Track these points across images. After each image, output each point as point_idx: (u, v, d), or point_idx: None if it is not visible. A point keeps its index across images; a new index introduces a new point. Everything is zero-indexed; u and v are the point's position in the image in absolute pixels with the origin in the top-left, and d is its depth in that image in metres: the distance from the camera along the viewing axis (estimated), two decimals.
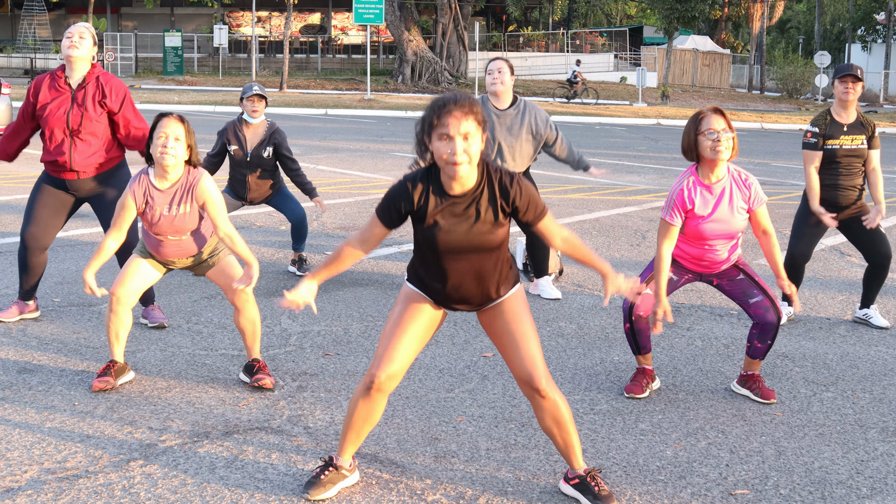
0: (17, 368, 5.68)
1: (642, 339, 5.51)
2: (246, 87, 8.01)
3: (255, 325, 5.46)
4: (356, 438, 4.16)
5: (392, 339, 4.01)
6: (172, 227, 5.23)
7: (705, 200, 5.21)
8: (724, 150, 5.12)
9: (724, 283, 5.47)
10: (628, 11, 77.03)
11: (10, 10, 55.55)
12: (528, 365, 4.01)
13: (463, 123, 3.66)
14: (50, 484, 4.17)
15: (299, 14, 57.63)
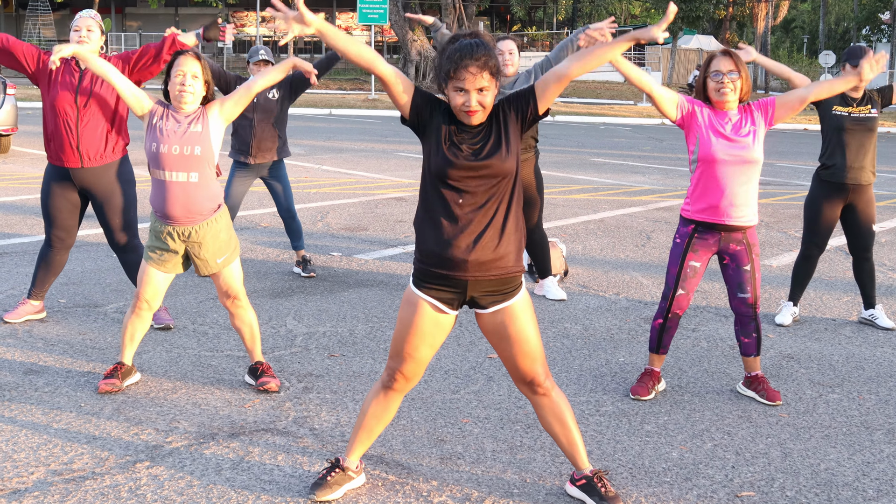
0: (23, 369, 5.69)
1: (667, 339, 5.54)
2: (252, 50, 7.94)
3: (251, 327, 5.47)
4: (367, 438, 4.16)
5: (404, 343, 3.99)
6: (182, 141, 5.16)
7: (717, 121, 5.29)
8: (728, 91, 5.21)
9: (732, 266, 5.45)
10: (633, 11, 76.98)
11: (15, 10, 55.63)
12: (530, 362, 4.00)
13: (478, 79, 3.70)
14: (56, 485, 4.18)
15: None
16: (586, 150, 21.28)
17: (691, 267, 5.44)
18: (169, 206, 5.22)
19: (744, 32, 74.90)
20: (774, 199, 13.88)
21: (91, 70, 5.44)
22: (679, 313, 5.49)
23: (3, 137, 17.25)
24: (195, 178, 5.21)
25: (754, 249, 5.44)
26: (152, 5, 47.97)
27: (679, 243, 5.47)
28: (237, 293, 5.39)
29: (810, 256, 7.15)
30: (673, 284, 5.45)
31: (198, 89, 5.21)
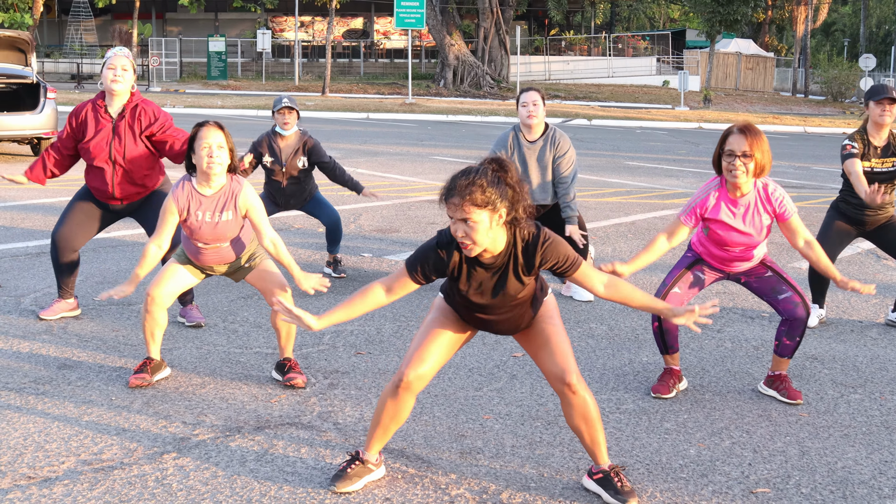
0: (57, 364, 5.84)
1: (670, 339, 5.58)
2: (276, 99, 8.11)
3: (291, 326, 5.58)
4: (383, 435, 4.25)
5: (424, 342, 4.12)
6: (214, 234, 5.36)
7: (730, 213, 5.26)
8: (739, 175, 5.13)
9: (752, 280, 5.51)
10: (671, 15, 76.74)
11: (58, 15, 56.30)
12: (560, 361, 4.08)
13: (459, 211, 3.75)
14: (86, 474, 4.31)
15: (342, 19, 57.97)
16: (621, 154, 21.30)
17: (695, 275, 5.50)
18: (203, 260, 5.52)
19: (783, 36, 74.49)
20: (808, 203, 13.85)
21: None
22: None
23: (44, 140, 17.53)
24: (226, 244, 5.47)
25: (767, 261, 5.51)
26: (192, 10, 48.40)
27: (689, 256, 5.57)
28: (284, 284, 5.52)
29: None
30: (669, 281, 5.52)
31: (224, 159, 5.32)
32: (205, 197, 5.36)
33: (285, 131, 8.08)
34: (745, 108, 43.07)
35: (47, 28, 56.20)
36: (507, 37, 47.61)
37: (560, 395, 4.15)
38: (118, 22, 55.99)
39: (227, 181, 5.42)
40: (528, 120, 7.43)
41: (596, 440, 4.22)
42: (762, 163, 5.13)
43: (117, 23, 56.06)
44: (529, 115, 7.42)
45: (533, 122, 7.43)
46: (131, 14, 49.11)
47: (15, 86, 17.48)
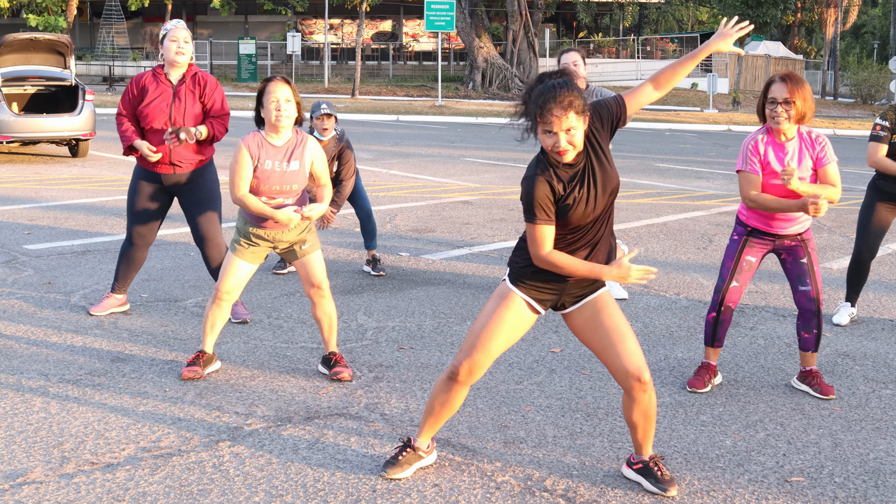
0: (110, 357, 6.05)
1: (721, 332, 5.74)
2: (315, 105, 8.25)
3: (331, 318, 5.77)
4: (435, 423, 4.42)
5: (480, 334, 4.21)
6: (281, 181, 5.54)
7: (777, 156, 5.45)
8: (782, 120, 5.37)
9: (790, 260, 5.68)
10: (700, 17, 76.60)
11: (90, 18, 56.86)
12: (636, 358, 4.18)
13: (564, 121, 3.89)
14: (146, 460, 4.51)
15: (371, 21, 58.25)
16: (651, 156, 21.39)
17: (747, 261, 5.66)
18: (266, 224, 5.64)
19: (812, 38, 74.23)
20: (839, 204, 13.92)
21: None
22: (731, 306, 5.69)
23: (82, 142, 17.82)
24: (289, 201, 5.62)
25: (810, 244, 5.65)
26: (223, 13, 48.78)
27: (736, 240, 5.71)
28: (321, 282, 5.70)
29: (862, 261, 7.28)
30: (727, 276, 5.67)
31: (292, 112, 5.53)
32: (273, 147, 5.58)
33: (324, 137, 8.25)
34: None
35: (79, 31, 56.75)
36: (535, 39, 47.71)
37: (629, 390, 4.22)
38: (149, 24, 56.51)
39: (295, 133, 5.65)
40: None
41: (648, 435, 4.36)
42: (803, 110, 5.38)
43: (148, 25, 56.58)
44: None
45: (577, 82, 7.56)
46: (162, 17, 49.55)
47: (54, 88, 17.80)
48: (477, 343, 4.21)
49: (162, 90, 6.71)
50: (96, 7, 55.16)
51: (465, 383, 4.27)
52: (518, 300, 4.23)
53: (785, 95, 5.35)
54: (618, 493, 4.32)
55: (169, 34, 6.68)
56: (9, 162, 17.24)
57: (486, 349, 4.21)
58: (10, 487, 4.22)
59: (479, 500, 4.19)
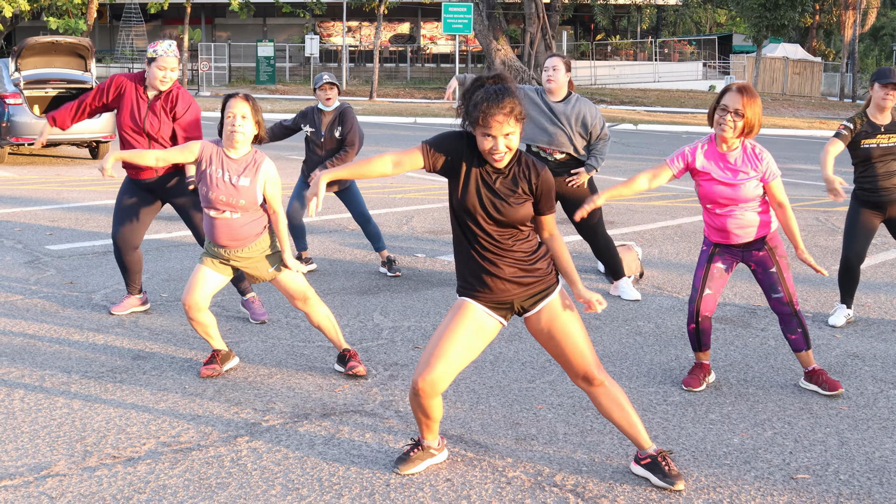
0: (131, 355, 6.18)
1: (704, 338, 5.84)
2: (317, 77, 8.44)
3: (329, 319, 5.88)
4: (427, 429, 4.52)
5: (435, 347, 4.29)
6: (229, 193, 5.63)
7: (716, 165, 5.57)
8: (727, 129, 5.45)
9: (759, 271, 5.80)
10: (718, 19, 76.51)
11: (110, 21, 57.20)
12: (584, 359, 4.33)
13: (505, 126, 4.05)
14: (166, 454, 4.64)
15: (389, 24, 58.41)
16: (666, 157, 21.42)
17: (717, 268, 5.78)
18: (216, 236, 5.73)
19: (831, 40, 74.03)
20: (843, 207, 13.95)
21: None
22: (708, 315, 5.79)
23: (102, 144, 18.01)
24: (237, 216, 5.70)
25: (777, 251, 5.75)
26: (241, 16, 48.97)
27: (705, 251, 5.87)
28: (304, 293, 5.81)
29: (850, 266, 7.33)
30: (699, 286, 5.79)
31: (248, 129, 5.65)
32: (228, 159, 5.69)
33: (327, 107, 8.42)
34: (791, 113, 42.93)
35: (99, 33, 57.10)
36: (552, 41, 47.75)
37: (584, 390, 4.42)
38: (168, 27, 56.81)
39: (251, 151, 5.75)
40: (549, 84, 7.67)
41: (633, 423, 4.46)
42: (752, 122, 5.45)
43: (168, 28, 56.88)
44: (549, 79, 7.66)
45: (552, 86, 7.67)
46: (182, 19, 49.80)
47: (75, 91, 17.98)
48: (434, 354, 4.26)
49: (138, 100, 6.94)
50: (116, 10, 55.49)
51: (431, 396, 4.31)
52: (472, 307, 4.32)
53: (737, 106, 5.40)
54: (626, 488, 4.42)
55: (157, 61, 6.83)
56: (31, 164, 17.45)
57: (444, 359, 4.25)
58: (34, 480, 4.35)
59: (490, 495, 4.30)
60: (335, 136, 8.43)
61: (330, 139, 8.42)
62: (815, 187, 16.38)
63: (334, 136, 8.43)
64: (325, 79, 8.35)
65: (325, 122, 8.43)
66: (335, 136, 8.43)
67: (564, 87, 7.73)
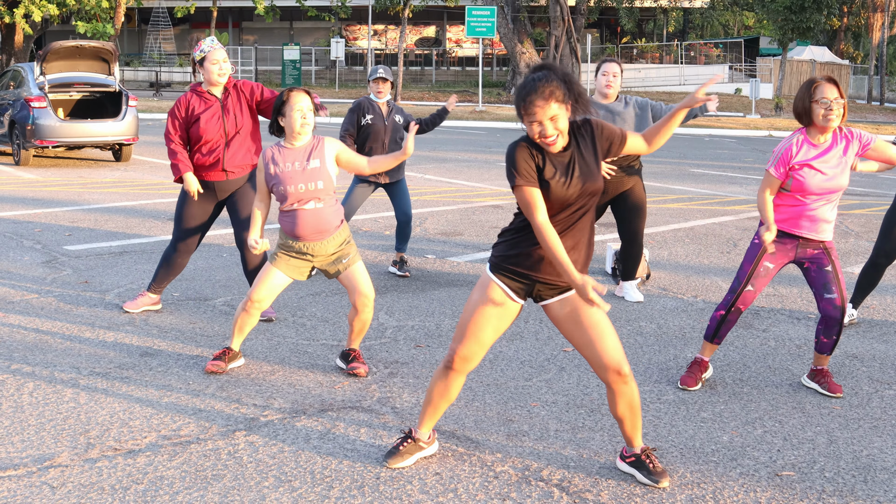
0: (139, 352, 6.33)
1: (724, 330, 5.89)
2: (372, 69, 8.65)
3: (365, 325, 5.99)
4: (434, 414, 4.64)
5: (468, 324, 4.41)
6: (304, 178, 5.72)
7: (815, 157, 5.65)
8: (835, 118, 5.56)
9: (814, 268, 5.82)
10: (746, 22, 76.25)
11: (138, 25, 57.70)
12: (615, 352, 4.37)
13: (547, 110, 4.12)
14: (165, 447, 4.77)
15: (414, 27, 58.61)
16: (687, 161, 21.49)
17: (765, 267, 5.81)
18: (300, 230, 5.80)
19: (859, 43, 73.61)
20: (869, 210, 13.99)
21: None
22: (742, 309, 5.85)
23: (125, 147, 18.24)
24: (321, 205, 5.79)
25: (833, 252, 5.79)
26: (268, 20, 49.30)
27: (757, 244, 5.83)
28: (368, 292, 5.89)
29: (878, 265, 7.39)
30: (744, 279, 5.81)
31: (312, 120, 5.79)
32: (291, 150, 5.81)
33: (379, 99, 8.62)
34: None
35: (127, 37, 57.60)
36: (578, 45, 47.78)
37: (610, 384, 4.42)
38: (196, 31, 57.26)
39: (310, 138, 5.88)
40: (606, 89, 7.85)
41: (636, 427, 4.56)
42: (846, 108, 5.62)
43: (195, 32, 57.33)
44: (608, 84, 7.87)
45: (609, 91, 7.86)
46: (209, 23, 50.17)
47: (99, 94, 18.25)
48: (466, 332, 4.41)
49: (210, 105, 7.02)
50: (144, 14, 55.99)
51: (461, 371, 4.48)
52: (496, 289, 4.40)
53: (835, 95, 5.54)
54: (611, 483, 4.51)
55: (208, 57, 6.94)
56: (55, 166, 17.70)
57: (476, 339, 4.40)
58: (37, 470, 4.49)
59: (477, 488, 4.41)
60: (396, 122, 8.65)
61: (394, 125, 8.63)
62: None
63: (395, 123, 8.65)
64: (380, 73, 8.58)
65: (384, 111, 8.60)
66: (396, 123, 8.65)
67: (614, 94, 7.92)
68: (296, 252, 5.86)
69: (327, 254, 5.87)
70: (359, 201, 8.72)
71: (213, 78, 6.97)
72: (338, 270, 5.91)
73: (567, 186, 4.21)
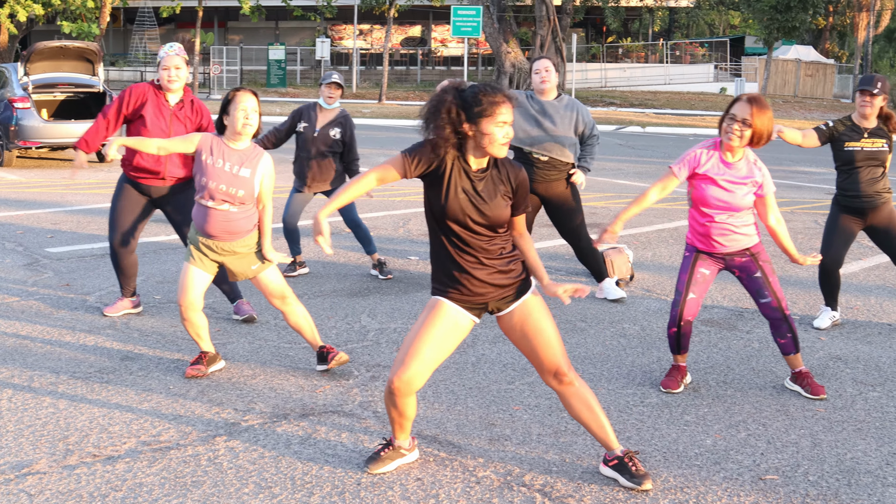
0: (120, 356, 6.28)
1: (684, 341, 5.90)
2: (325, 74, 8.57)
3: (306, 319, 6.00)
4: (400, 429, 4.60)
5: (409, 347, 4.37)
6: (230, 182, 5.73)
7: (718, 168, 5.63)
8: (734, 138, 5.53)
9: (744, 277, 5.86)
10: (732, 21, 76.40)
11: (123, 25, 57.49)
12: (555, 356, 4.40)
13: (509, 114, 4.23)
14: (145, 453, 4.73)
15: (400, 27, 58.53)
16: (671, 161, 21.45)
17: (701, 273, 5.84)
18: (209, 227, 5.82)
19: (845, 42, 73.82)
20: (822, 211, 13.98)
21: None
22: (690, 319, 5.84)
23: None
24: (234, 210, 5.81)
25: (760, 256, 5.81)
26: (253, 19, 49.13)
27: (688, 256, 5.93)
28: (282, 292, 5.94)
29: (827, 271, 7.37)
30: (683, 289, 5.84)
31: (255, 122, 5.78)
32: (230, 150, 5.80)
33: (328, 105, 8.54)
34: (802, 115, 42.88)
35: (113, 37, 57.38)
36: (563, 44, 47.77)
37: (553, 387, 4.47)
38: (181, 31, 57.06)
39: (252, 145, 5.88)
40: (543, 85, 7.83)
41: (602, 425, 4.52)
42: (760, 132, 5.51)
43: (180, 31, 57.13)
44: (543, 80, 7.83)
45: (545, 87, 7.82)
46: (194, 23, 49.94)
47: (83, 94, 18.15)
48: (409, 354, 4.35)
49: (161, 108, 6.98)
50: (130, 14, 55.77)
51: (406, 394, 4.40)
52: (446, 306, 4.39)
53: (745, 116, 5.47)
54: (594, 488, 4.49)
55: (162, 62, 6.93)
56: (38, 167, 17.61)
57: (419, 358, 4.33)
58: (14, 477, 4.44)
59: (459, 494, 4.38)
60: (331, 135, 8.52)
61: (324, 137, 8.50)
62: (818, 190, 16.42)
63: (329, 136, 8.52)
64: (334, 77, 8.51)
65: (321, 120, 8.53)
66: (331, 136, 8.52)
67: (555, 89, 7.88)
68: (205, 247, 5.88)
69: (235, 252, 5.89)
70: (298, 207, 8.71)
71: (164, 83, 6.96)
72: (245, 273, 5.94)
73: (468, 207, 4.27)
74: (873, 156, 7.07)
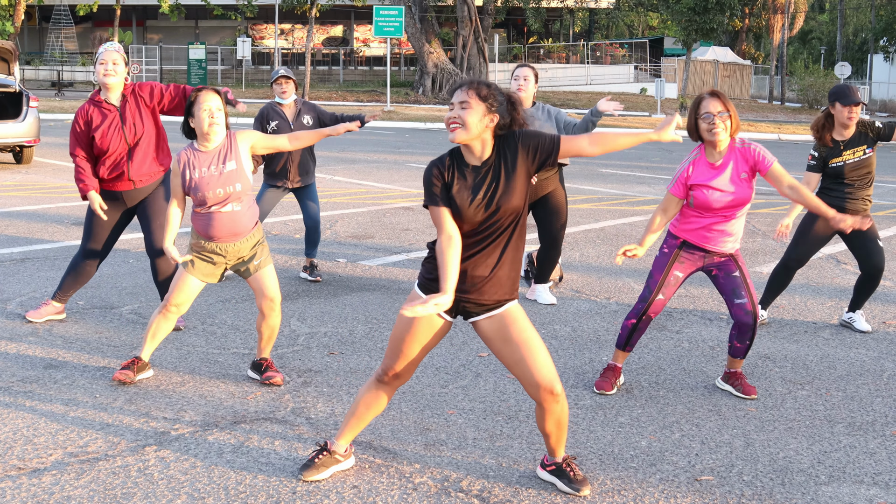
0: (43, 364, 6.11)
1: (636, 338, 5.90)
2: (273, 72, 8.53)
3: (273, 331, 5.86)
4: (357, 425, 4.53)
5: (400, 342, 4.32)
6: (223, 182, 5.59)
7: (711, 175, 5.63)
8: (720, 131, 5.54)
9: (721, 275, 5.84)
10: (650, 23, 77.29)
11: (38, 23, 56.41)
12: (548, 370, 4.28)
13: (462, 95, 4.12)
14: (72, 465, 4.60)
15: (322, 26, 58.26)
16: (595, 162, 21.65)
17: (674, 276, 5.82)
18: (214, 231, 5.66)
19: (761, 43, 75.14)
20: (775, 210, 14.21)
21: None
22: (652, 316, 5.86)
23: (26, 149, 17.76)
24: (238, 208, 5.67)
25: (740, 259, 5.82)
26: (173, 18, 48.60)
27: (667, 253, 5.86)
28: (274, 296, 5.78)
29: (789, 268, 7.47)
30: (654, 289, 5.82)
31: (222, 120, 5.64)
32: (205, 153, 5.65)
33: (284, 99, 8.48)
34: None
35: (28, 35, 56.29)
36: (485, 45, 47.96)
37: (541, 402, 4.33)
38: (99, 29, 56.18)
39: (225, 137, 5.73)
40: (519, 93, 7.81)
41: (561, 440, 4.50)
42: (736, 119, 5.59)
43: (98, 30, 56.25)
44: (519, 88, 7.83)
45: (521, 95, 7.83)
46: (112, 21, 49.28)
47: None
48: (398, 350, 4.33)
49: (107, 116, 6.79)
50: (45, 12, 54.76)
51: (392, 386, 4.42)
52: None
53: (719, 108, 5.52)
54: (531, 492, 4.46)
55: (99, 57, 6.76)
56: None
57: (406, 356, 4.33)
58: None
59: (396, 501, 4.32)
60: (304, 123, 8.49)
61: (300, 127, 8.47)
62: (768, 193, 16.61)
63: (304, 125, 8.49)
64: (282, 72, 8.45)
65: (289, 113, 8.46)
66: (305, 125, 8.49)
67: (531, 98, 7.91)
68: (208, 252, 5.73)
69: (240, 254, 5.76)
70: (270, 205, 8.59)
71: (100, 78, 6.77)
72: (248, 270, 5.79)
73: (474, 204, 4.16)
74: (858, 165, 7.12)
